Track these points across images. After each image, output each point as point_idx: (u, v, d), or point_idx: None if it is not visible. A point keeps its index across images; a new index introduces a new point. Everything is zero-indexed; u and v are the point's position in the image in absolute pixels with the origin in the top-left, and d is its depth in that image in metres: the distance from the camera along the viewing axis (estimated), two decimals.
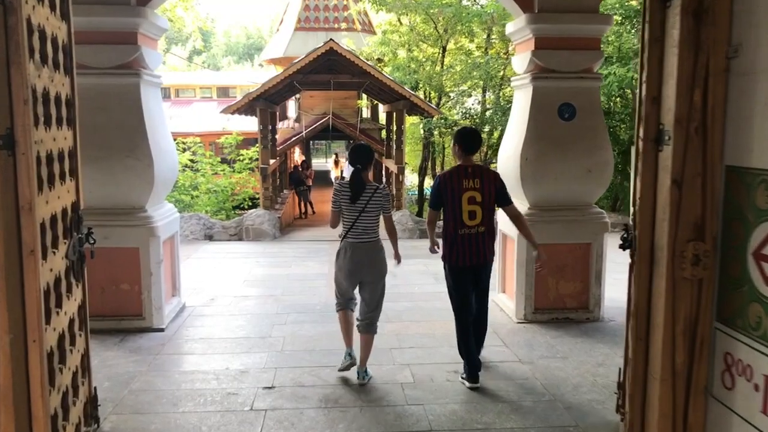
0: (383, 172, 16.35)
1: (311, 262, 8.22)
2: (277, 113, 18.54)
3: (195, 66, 54.60)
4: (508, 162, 5.45)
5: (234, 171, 14.16)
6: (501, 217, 5.86)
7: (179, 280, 5.72)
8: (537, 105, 5.17)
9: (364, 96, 17.22)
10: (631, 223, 3.04)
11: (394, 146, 11.63)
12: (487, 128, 11.90)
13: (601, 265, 5.33)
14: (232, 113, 10.75)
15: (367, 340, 4.02)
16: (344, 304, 4.09)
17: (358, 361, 4.01)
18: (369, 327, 4.02)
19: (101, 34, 4.80)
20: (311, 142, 28.76)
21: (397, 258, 4.10)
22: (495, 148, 12.66)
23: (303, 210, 15.57)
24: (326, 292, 6.41)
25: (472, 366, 3.94)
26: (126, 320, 5.03)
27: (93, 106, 4.84)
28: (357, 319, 4.09)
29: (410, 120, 16.76)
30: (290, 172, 17.04)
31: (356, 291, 4.10)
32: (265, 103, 11.52)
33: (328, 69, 10.97)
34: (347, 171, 11.33)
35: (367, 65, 10.18)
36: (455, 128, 10.68)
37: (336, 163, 20.55)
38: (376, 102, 16.92)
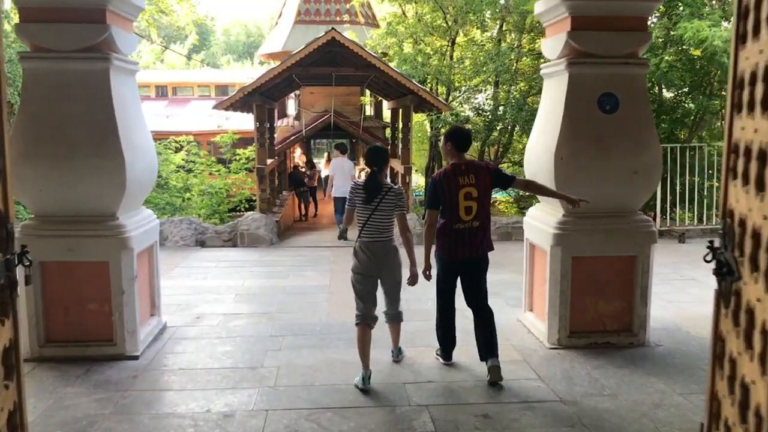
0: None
1: (311, 271, 7.52)
2: (276, 110, 17.87)
3: (195, 64, 54.02)
4: (538, 162, 4.75)
5: (230, 171, 13.47)
6: (528, 227, 5.17)
7: (159, 296, 5.03)
8: (573, 95, 4.47)
9: (368, 92, 16.53)
10: (722, 234, 2.33)
11: (400, 145, 10.90)
12: (499, 126, 11.17)
13: (647, 281, 4.63)
14: (226, 109, 10.07)
15: (395, 329, 4.27)
16: (364, 317, 3.99)
17: (392, 353, 4.32)
18: (394, 318, 4.22)
19: (62, 12, 4.12)
20: (313, 141, 28.10)
21: (412, 270, 4.06)
22: (508, 147, 11.97)
23: (303, 212, 14.86)
24: (327, 308, 5.72)
25: (449, 349, 4.30)
26: (94, 346, 4.35)
27: (53, 96, 4.17)
28: (383, 313, 4.18)
29: (416, 118, 16.11)
30: (290, 173, 16.34)
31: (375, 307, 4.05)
32: (262, 98, 10.83)
33: (330, 62, 10.28)
34: (340, 170, 10.22)
35: (371, 56, 9.49)
36: (466, 125, 10.00)
37: (328, 160, 19.80)
38: (380, 98, 16.21)
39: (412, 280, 4.05)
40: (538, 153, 4.80)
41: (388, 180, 4.29)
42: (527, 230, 5.20)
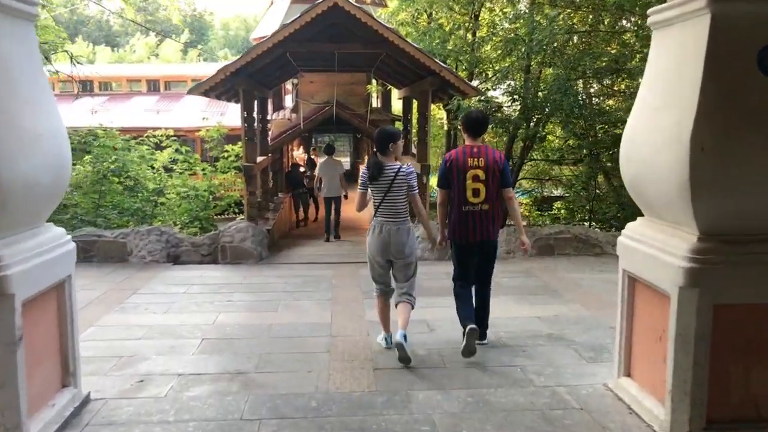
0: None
1: (306, 300, 5.92)
2: (272, 102, 16.27)
3: (192, 58, 52.48)
4: (657, 156, 3.12)
5: (216, 170, 11.87)
6: (627, 252, 3.53)
7: (75, 357, 3.43)
8: (719, 49, 2.85)
9: (374, 83, 14.86)
10: None
11: (415, 140, 9.25)
12: (536, 115, 9.46)
13: None
14: (204, 94, 8.45)
15: (404, 309, 4.22)
16: (382, 290, 4.36)
17: (397, 336, 4.09)
18: (403, 297, 4.27)
19: None
20: (314, 137, 26.43)
21: (431, 239, 4.51)
22: (542, 140, 10.16)
23: (302, 217, 13.26)
24: (327, 364, 4.11)
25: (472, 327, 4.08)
26: None
27: None
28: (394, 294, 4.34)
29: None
30: (287, 172, 14.73)
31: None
32: (251, 83, 9.22)
33: (332, 38, 8.68)
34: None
35: (383, 27, 7.86)
36: (497, 114, 8.40)
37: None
38: (389, 87, 14.57)
39: (431, 247, 4.25)
40: (653, 142, 3.17)
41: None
42: (625, 256, 3.57)
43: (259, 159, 10.68)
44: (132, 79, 31.74)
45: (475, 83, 11.48)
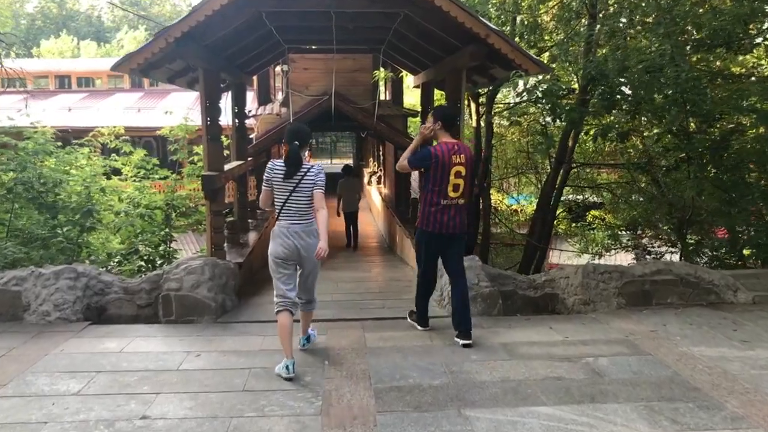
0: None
1: (278, 416, 3.48)
2: (257, 93, 13.86)
3: None
4: None
5: (181, 179, 9.43)
6: None
7: None
8: None
9: (382, 70, 12.39)
10: None
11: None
12: (624, 105, 6.65)
13: None
14: (144, 74, 5.95)
15: (306, 315, 4.54)
16: (285, 303, 4.20)
17: (300, 343, 4.49)
18: (308, 305, 4.49)
19: None
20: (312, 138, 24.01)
21: (321, 244, 4.11)
22: (625, 135, 7.27)
23: None
24: None
25: (425, 317, 4.94)
26: None
27: None
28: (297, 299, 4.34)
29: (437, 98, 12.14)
30: None
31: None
32: (216, 61, 6.81)
33: None
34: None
35: None
36: (565, 100, 5.99)
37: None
38: (400, 74, 12.14)
39: (320, 253, 4.08)
40: None
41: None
42: None
43: (233, 164, 8.28)
44: (114, 75, 29.45)
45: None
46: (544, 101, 5.67)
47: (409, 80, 13.44)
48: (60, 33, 50.77)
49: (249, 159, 9.44)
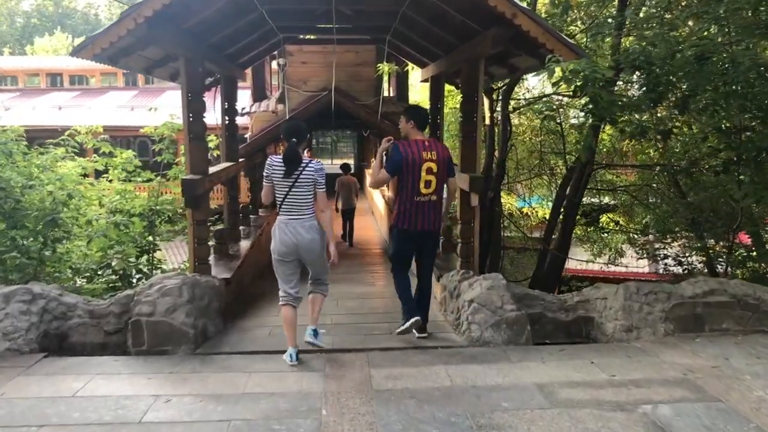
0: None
1: None
2: (252, 90, 13.06)
3: None
4: None
5: (168, 180, 8.63)
6: None
7: None
8: None
9: (386, 65, 11.57)
10: None
11: (460, 138, 5.98)
12: (672, 95, 5.72)
13: None
14: (111, 62, 5.17)
15: (316, 300, 4.50)
16: (287, 298, 4.35)
17: (307, 335, 4.38)
18: (317, 287, 4.52)
19: None
20: (312, 137, 23.13)
21: (330, 249, 4.35)
22: (668, 133, 6.43)
23: None
24: None
25: (412, 312, 4.82)
26: None
27: None
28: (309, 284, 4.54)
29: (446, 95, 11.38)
30: None
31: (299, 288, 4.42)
32: (198, 49, 6.04)
33: None
34: None
35: None
36: (600, 95, 5.20)
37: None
38: (405, 67, 11.35)
39: (329, 257, 4.33)
40: None
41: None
42: None
43: (222, 166, 7.50)
44: (106, 72, 28.63)
45: None
46: (582, 91, 4.89)
47: (415, 75, 12.65)
48: (55, 31, 50.09)
49: (241, 160, 8.66)
